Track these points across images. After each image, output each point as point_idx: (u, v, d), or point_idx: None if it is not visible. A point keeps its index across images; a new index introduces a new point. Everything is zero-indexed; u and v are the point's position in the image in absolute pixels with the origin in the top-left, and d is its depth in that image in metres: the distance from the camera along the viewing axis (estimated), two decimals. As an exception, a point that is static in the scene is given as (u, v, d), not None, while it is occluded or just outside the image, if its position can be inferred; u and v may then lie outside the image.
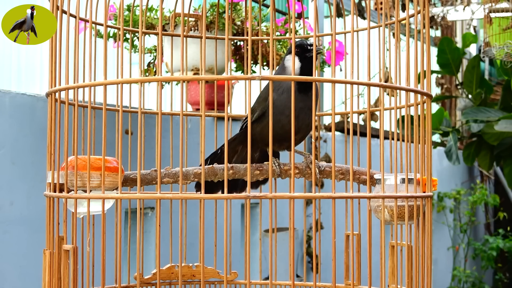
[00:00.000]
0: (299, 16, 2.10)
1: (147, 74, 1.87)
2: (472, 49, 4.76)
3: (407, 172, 1.07)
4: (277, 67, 1.19)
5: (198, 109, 2.04)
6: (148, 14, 1.73)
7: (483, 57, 2.69)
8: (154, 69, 1.86)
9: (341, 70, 2.20)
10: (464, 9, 3.72)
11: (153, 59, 1.90)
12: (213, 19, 1.74)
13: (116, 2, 2.00)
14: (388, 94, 1.95)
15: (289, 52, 1.14)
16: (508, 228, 4.71)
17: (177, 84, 1.52)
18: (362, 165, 1.21)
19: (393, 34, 1.18)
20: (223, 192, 1.14)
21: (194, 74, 1.85)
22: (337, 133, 3.00)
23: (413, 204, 1.04)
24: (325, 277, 2.34)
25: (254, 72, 1.85)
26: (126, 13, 1.74)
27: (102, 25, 1.12)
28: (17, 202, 1.64)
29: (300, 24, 1.93)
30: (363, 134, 2.96)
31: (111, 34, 1.81)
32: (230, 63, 1.65)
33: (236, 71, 1.92)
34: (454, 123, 4.29)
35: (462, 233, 4.34)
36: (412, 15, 1.10)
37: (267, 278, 2.29)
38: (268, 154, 1.01)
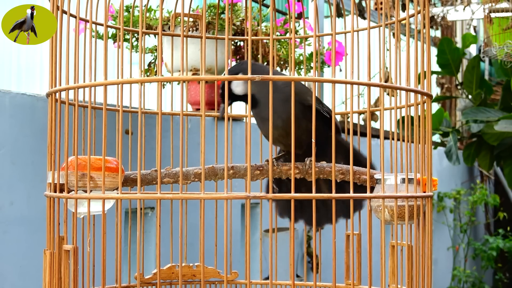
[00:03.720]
0: (299, 16, 2.10)
1: (148, 74, 1.87)
2: (472, 49, 4.76)
3: (407, 172, 1.07)
4: None
5: (198, 109, 2.04)
6: (147, 14, 1.73)
7: (483, 57, 2.69)
8: (155, 69, 1.86)
9: (340, 70, 2.20)
10: (464, 9, 3.72)
11: (153, 59, 1.90)
12: (211, 20, 1.74)
13: (116, 3, 2.00)
14: (388, 94, 1.96)
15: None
16: (508, 228, 4.71)
17: (178, 84, 1.51)
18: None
19: (393, 34, 1.18)
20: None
21: (193, 74, 1.85)
22: (337, 133, 3.00)
23: (413, 204, 1.04)
24: (325, 277, 2.34)
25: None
26: (125, 14, 1.74)
27: (102, 25, 1.12)
28: (17, 202, 1.64)
29: (300, 24, 1.93)
30: (363, 134, 2.96)
31: (109, 35, 1.81)
32: (230, 63, 1.65)
33: None
34: (454, 123, 4.29)
35: (462, 233, 4.34)
36: (412, 15, 1.10)
37: (267, 278, 2.29)
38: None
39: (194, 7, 1.84)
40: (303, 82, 1.21)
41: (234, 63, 1.94)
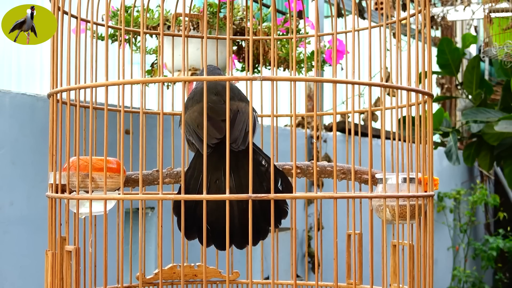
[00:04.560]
0: (299, 14, 2.10)
1: (151, 74, 1.87)
2: (472, 49, 4.76)
3: (409, 172, 1.07)
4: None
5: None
6: (147, 15, 1.72)
7: (483, 57, 2.68)
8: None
9: (342, 69, 2.20)
10: (464, 9, 3.71)
11: (156, 59, 1.89)
12: (208, 19, 1.73)
13: (116, 3, 1.99)
14: (389, 94, 1.95)
15: None
16: (508, 228, 4.71)
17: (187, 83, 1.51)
18: (363, 165, 1.21)
19: (394, 34, 1.18)
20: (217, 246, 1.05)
21: (192, 74, 1.85)
22: (337, 133, 3.00)
23: (414, 203, 1.03)
24: (325, 277, 2.34)
25: (259, 71, 1.85)
26: (125, 14, 1.74)
27: (103, 25, 1.12)
28: (17, 202, 1.64)
29: (299, 23, 1.93)
30: (364, 134, 2.96)
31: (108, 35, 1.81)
32: (231, 64, 1.65)
33: (241, 71, 1.92)
34: (454, 123, 4.29)
35: (462, 233, 4.34)
36: (413, 15, 1.10)
37: (267, 278, 2.29)
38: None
39: (191, 7, 1.83)
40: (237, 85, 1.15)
41: (238, 64, 1.94)
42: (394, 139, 1.12)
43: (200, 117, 1.02)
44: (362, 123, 3.29)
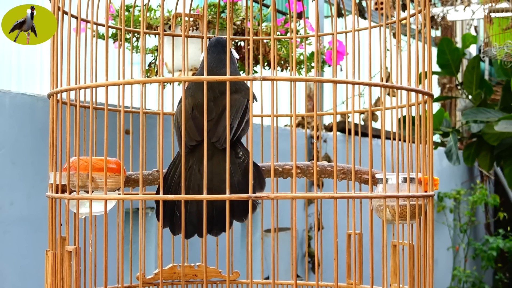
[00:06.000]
0: (300, 15, 2.10)
1: (148, 74, 1.87)
2: (472, 49, 4.76)
3: (409, 172, 1.07)
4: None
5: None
6: (147, 14, 1.72)
7: (483, 57, 2.69)
8: (155, 69, 1.86)
9: (341, 70, 2.20)
10: (464, 9, 3.71)
11: (154, 59, 1.89)
12: (211, 19, 1.73)
13: (116, 2, 1.99)
14: (389, 94, 1.95)
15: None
16: (508, 228, 4.71)
17: (179, 84, 1.51)
18: (363, 165, 1.21)
19: (394, 34, 1.18)
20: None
21: (193, 74, 1.85)
22: (337, 133, 3.00)
23: (415, 203, 1.04)
24: (325, 277, 2.34)
25: (255, 72, 1.85)
26: (125, 13, 1.74)
27: (103, 25, 1.12)
28: (17, 202, 1.64)
29: (300, 24, 1.93)
30: (364, 134, 2.96)
31: (109, 34, 1.81)
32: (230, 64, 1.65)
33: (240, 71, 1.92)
34: (454, 123, 4.29)
35: (462, 233, 4.34)
36: (413, 15, 1.10)
37: (267, 278, 2.29)
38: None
39: (193, 7, 1.84)
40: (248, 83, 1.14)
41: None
42: (394, 139, 1.12)
43: (186, 115, 1.03)
44: (362, 123, 3.29)
